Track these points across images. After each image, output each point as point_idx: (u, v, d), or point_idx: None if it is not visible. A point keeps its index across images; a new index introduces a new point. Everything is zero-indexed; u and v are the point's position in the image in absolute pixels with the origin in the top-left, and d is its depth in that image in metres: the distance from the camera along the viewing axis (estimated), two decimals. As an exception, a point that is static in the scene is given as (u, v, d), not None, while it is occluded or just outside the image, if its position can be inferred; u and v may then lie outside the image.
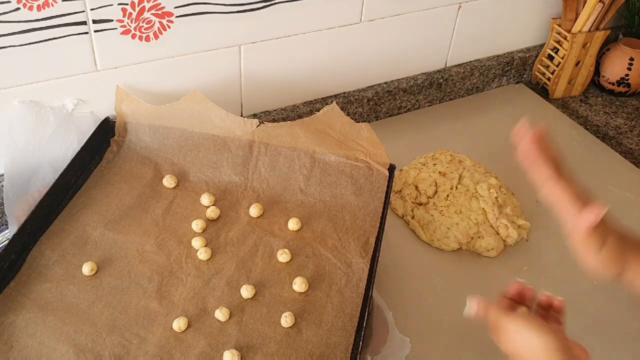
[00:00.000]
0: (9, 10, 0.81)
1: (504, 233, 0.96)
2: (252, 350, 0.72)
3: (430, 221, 0.97)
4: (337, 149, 0.94)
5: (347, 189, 0.92)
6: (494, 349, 0.83)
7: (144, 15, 0.90)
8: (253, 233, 0.87)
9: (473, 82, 1.31)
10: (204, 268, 0.81)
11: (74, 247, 0.82)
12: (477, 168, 1.04)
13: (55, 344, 0.71)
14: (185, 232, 0.86)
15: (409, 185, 1.02)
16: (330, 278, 0.81)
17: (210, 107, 0.95)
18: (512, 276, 0.93)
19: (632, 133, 1.25)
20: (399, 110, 1.25)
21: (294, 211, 0.90)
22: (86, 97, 0.94)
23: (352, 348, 0.73)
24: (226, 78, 1.04)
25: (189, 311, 0.76)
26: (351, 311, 0.77)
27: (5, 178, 0.89)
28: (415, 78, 1.23)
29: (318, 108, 1.09)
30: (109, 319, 0.74)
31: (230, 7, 0.96)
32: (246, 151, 0.95)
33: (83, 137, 0.93)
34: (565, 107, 1.32)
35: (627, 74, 1.31)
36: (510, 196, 1.02)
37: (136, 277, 0.79)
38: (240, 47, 1.01)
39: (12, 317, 0.73)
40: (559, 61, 1.29)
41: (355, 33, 1.10)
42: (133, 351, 0.71)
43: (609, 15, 1.25)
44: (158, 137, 0.95)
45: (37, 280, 0.77)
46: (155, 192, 0.91)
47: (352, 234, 0.87)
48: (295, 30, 1.04)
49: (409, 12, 1.14)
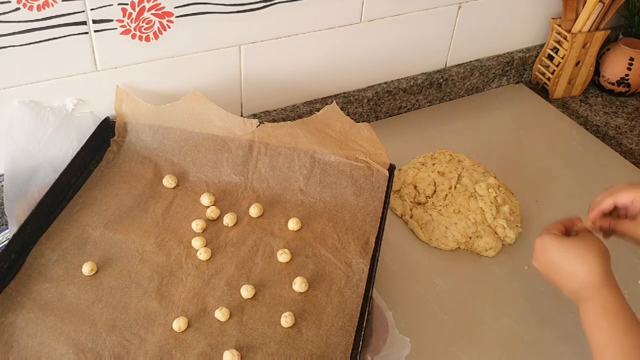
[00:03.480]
0: (9, 10, 0.81)
1: (502, 233, 0.96)
2: (252, 350, 0.72)
3: (428, 221, 0.97)
4: (337, 149, 0.94)
5: (347, 189, 0.92)
6: (494, 349, 0.83)
7: (144, 15, 0.90)
8: (253, 233, 0.87)
9: (473, 82, 1.31)
10: (204, 268, 0.81)
11: (74, 247, 0.82)
12: (476, 168, 1.04)
13: (55, 344, 0.71)
14: (185, 232, 0.86)
15: (408, 185, 1.02)
16: (330, 278, 0.81)
17: (210, 107, 0.95)
18: (511, 276, 0.93)
19: (632, 133, 1.25)
20: (399, 110, 1.25)
21: (294, 211, 0.90)
22: (86, 97, 0.94)
23: (352, 348, 0.73)
24: (226, 78, 1.04)
25: (189, 311, 0.76)
26: (351, 311, 0.77)
27: (5, 178, 0.89)
28: (415, 78, 1.23)
29: (318, 108, 1.09)
30: (109, 319, 0.74)
31: (230, 7, 0.96)
32: (246, 151, 0.95)
33: (83, 137, 0.93)
34: (565, 107, 1.32)
35: (627, 74, 1.31)
36: (510, 196, 1.02)
37: (136, 277, 0.79)
38: (240, 47, 1.01)
39: (12, 317, 0.73)
40: (559, 61, 1.29)
41: (355, 33, 1.10)
42: (133, 351, 0.71)
43: (609, 15, 1.25)
44: (158, 137, 0.95)
45: (37, 280, 0.77)
46: (155, 192, 0.91)
47: (352, 234, 0.87)
48: (295, 30, 1.04)
49: (409, 12, 1.14)
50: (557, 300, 0.89)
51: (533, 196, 1.06)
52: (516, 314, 0.87)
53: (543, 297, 0.89)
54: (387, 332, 0.78)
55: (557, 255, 0.73)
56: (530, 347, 0.83)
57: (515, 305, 0.88)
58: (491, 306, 0.88)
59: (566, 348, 0.83)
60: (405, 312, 0.86)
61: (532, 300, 0.89)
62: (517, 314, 0.87)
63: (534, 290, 0.90)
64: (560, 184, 1.10)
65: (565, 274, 0.72)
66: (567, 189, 1.09)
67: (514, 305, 0.88)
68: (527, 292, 0.90)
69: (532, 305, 0.88)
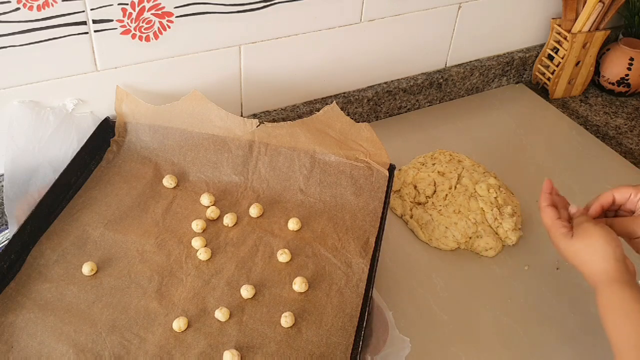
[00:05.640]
0: (9, 10, 0.81)
1: (502, 233, 0.96)
2: (252, 350, 0.72)
3: (428, 221, 0.97)
4: (337, 149, 0.94)
5: (347, 189, 0.92)
6: (494, 349, 0.83)
7: (144, 15, 0.90)
8: (253, 233, 0.87)
9: (473, 82, 1.31)
10: (204, 268, 0.81)
11: (74, 247, 0.82)
12: (477, 168, 1.04)
13: (55, 344, 0.71)
14: (185, 232, 0.86)
15: (408, 185, 1.02)
16: (330, 278, 0.81)
17: (210, 107, 0.95)
18: (511, 276, 0.93)
19: (632, 133, 1.25)
20: (399, 110, 1.25)
21: (294, 211, 0.90)
22: (86, 97, 0.94)
23: (352, 348, 0.73)
24: (226, 78, 1.04)
25: (189, 311, 0.76)
26: (351, 311, 0.77)
27: (5, 178, 0.89)
28: (415, 78, 1.24)
29: (318, 108, 1.09)
30: (109, 319, 0.74)
31: (230, 7, 0.96)
32: (246, 151, 0.95)
33: (83, 137, 0.93)
34: (565, 107, 1.32)
35: (627, 74, 1.31)
36: (510, 196, 1.02)
37: (136, 277, 0.79)
38: (240, 47, 1.01)
39: (12, 317, 0.73)
40: (559, 61, 1.29)
41: (355, 33, 1.10)
42: (133, 351, 0.71)
43: (609, 15, 1.25)
44: (158, 137, 0.95)
45: (37, 280, 0.77)
46: (155, 192, 0.91)
47: (352, 233, 0.87)
48: (295, 30, 1.04)
49: (409, 12, 1.14)
50: (557, 300, 0.89)
51: (533, 196, 1.05)
52: (516, 314, 0.87)
53: (543, 297, 0.89)
54: (387, 332, 0.78)
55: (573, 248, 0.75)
56: (530, 347, 0.83)
57: (515, 305, 0.88)
58: (491, 306, 0.88)
59: (566, 348, 0.83)
60: (405, 312, 0.86)
61: (532, 300, 0.89)
62: (517, 314, 0.87)
63: (534, 290, 0.90)
64: (560, 184, 1.09)
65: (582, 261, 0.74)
66: (567, 189, 1.09)
67: (514, 305, 0.88)
68: (527, 292, 0.90)
69: (532, 305, 0.88)
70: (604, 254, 0.71)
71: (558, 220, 0.77)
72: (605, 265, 0.70)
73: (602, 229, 0.73)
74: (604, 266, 0.70)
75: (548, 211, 0.79)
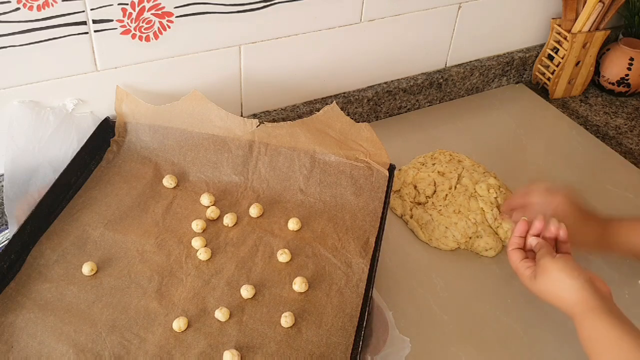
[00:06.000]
0: (9, 10, 0.81)
1: (502, 233, 0.96)
2: (252, 350, 0.72)
3: (428, 221, 0.97)
4: (337, 149, 0.94)
5: (347, 189, 0.92)
6: (494, 349, 0.83)
7: (144, 15, 0.90)
8: (253, 233, 0.87)
9: (473, 82, 1.31)
10: (204, 268, 0.81)
11: (74, 247, 0.82)
12: (477, 168, 1.04)
13: (55, 344, 0.71)
14: (185, 232, 0.86)
15: (408, 185, 1.02)
16: (330, 278, 0.81)
17: (210, 107, 0.95)
18: (511, 276, 0.92)
19: (632, 133, 1.25)
20: (399, 110, 1.25)
21: (294, 211, 0.90)
22: (86, 97, 0.94)
23: (352, 348, 0.73)
24: (226, 78, 1.04)
25: (189, 311, 0.76)
26: (351, 311, 0.77)
27: (5, 178, 0.89)
28: (415, 78, 1.24)
29: (318, 108, 1.09)
30: (109, 319, 0.74)
31: (230, 7, 0.96)
32: (246, 151, 0.95)
33: (83, 137, 0.93)
34: (565, 107, 1.32)
35: (627, 74, 1.31)
36: (510, 196, 1.01)
37: (136, 277, 0.79)
38: (240, 47, 1.01)
39: (12, 317, 0.73)
40: (559, 61, 1.29)
41: (355, 33, 1.10)
42: (133, 351, 0.71)
43: (609, 15, 1.25)
44: (158, 137, 0.95)
45: (37, 280, 0.77)
46: (155, 192, 0.91)
47: (352, 233, 0.87)
48: (295, 30, 1.04)
49: (409, 12, 1.14)
50: (557, 300, 0.89)
51: (533, 196, 1.05)
52: (516, 314, 0.87)
53: (543, 297, 0.89)
54: (387, 332, 0.78)
55: (541, 285, 0.75)
56: (530, 347, 0.83)
57: (515, 305, 0.88)
58: (491, 306, 0.88)
59: (566, 348, 0.83)
60: (405, 312, 0.86)
61: (532, 300, 0.89)
62: (517, 314, 0.87)
63: (534, 290, 0.90)
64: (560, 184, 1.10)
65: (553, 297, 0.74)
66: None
67: (514, 305, 0.88)
68: (527, 292, 0.90)
69: (532, 305, 0.88)
70: (570, 287, 0.71)
71: (522, 262, 0.78)
72: (574, 297, 0.70)
73: (558, 262, 0.73)
74: (574, 298, 0.70)
75: (511, 255, 0.80)
